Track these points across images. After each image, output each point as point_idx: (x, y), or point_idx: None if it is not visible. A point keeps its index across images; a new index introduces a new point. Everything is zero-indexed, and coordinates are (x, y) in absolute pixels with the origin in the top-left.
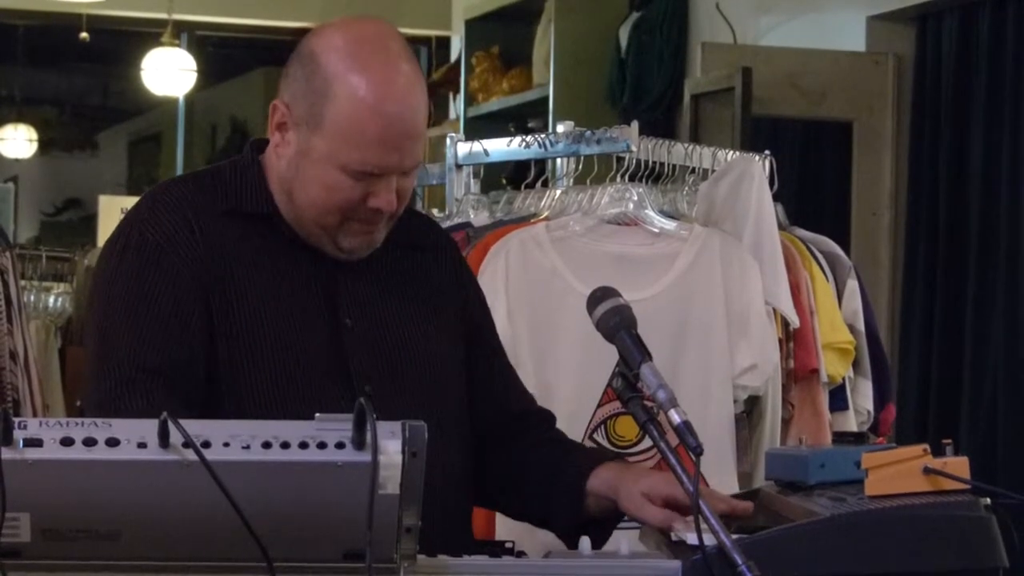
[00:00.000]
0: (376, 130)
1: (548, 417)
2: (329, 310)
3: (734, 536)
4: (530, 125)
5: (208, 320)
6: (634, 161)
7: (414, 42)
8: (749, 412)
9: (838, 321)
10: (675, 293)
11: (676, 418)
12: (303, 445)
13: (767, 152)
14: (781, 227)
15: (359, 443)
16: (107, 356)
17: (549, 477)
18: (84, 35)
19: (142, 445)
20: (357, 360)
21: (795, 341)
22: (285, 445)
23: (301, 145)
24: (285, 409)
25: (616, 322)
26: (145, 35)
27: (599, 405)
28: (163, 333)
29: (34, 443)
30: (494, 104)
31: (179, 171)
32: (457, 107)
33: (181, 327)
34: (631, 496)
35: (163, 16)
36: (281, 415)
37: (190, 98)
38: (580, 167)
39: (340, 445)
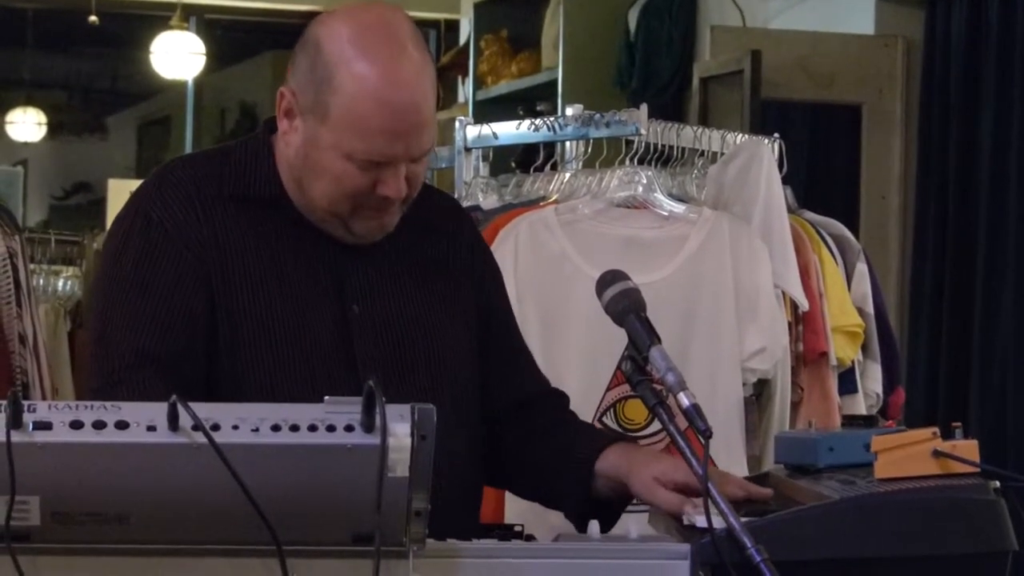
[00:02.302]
0: (381, 120)
1: (561, 398)
2: (336, 296)
3: (743, 519)
4: (539, 108)
5: (211, 305)
6: (643, 144)
7: (422, 25)
8: (758, 395)
9: (847, 304)
10: (684, 276)
11: (685, 401)
12: (312, 428)
13: (776, 135)
14: (790, 210)
15: (368, 426)
16: (107, 340)
17: (559, 459)
18: (93, 18)
19: (151, 428)
20: (363, 347)
21: (804, 324)
22: (294, 428)
23: (308, 134)
24: (288, 396)
25: (625, 305)
26: (154, 18)
27: (608, 388)
28: (164, 318)
29: (44, 426)
30: (503, 87)
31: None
32: (466, 90)
33: (183, 312)
34: (642, 480)
35: None
36: (284, 402)
37: (199, 81)
38: (589, 150)
39: (349, 428)
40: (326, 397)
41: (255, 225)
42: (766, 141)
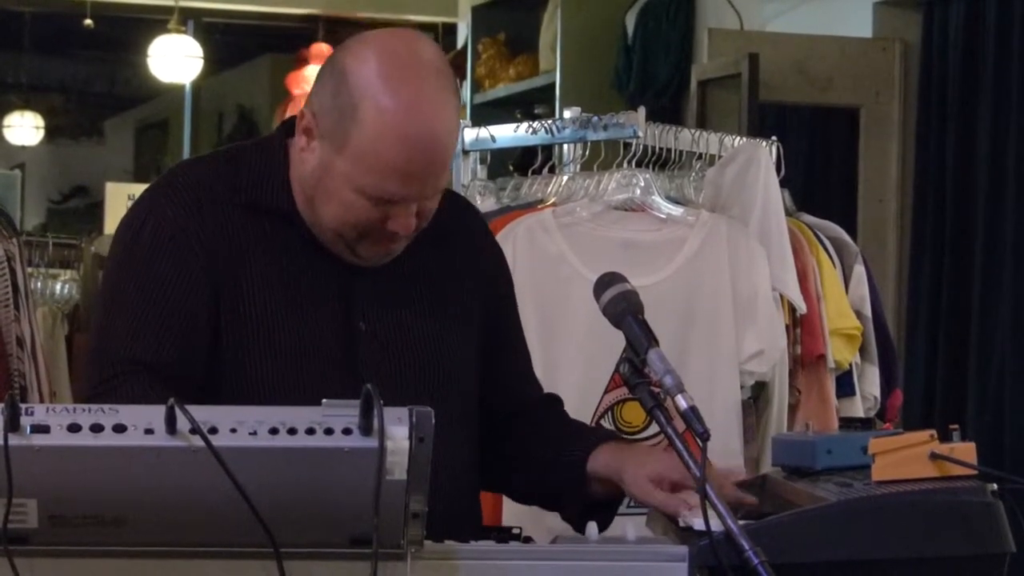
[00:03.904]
0: (397, 162)
1: (556, 402)
2: (343, 312)
3: (741, 521)
4: (537, 111)
5: (215, 316)
6: (641, 147)
7: (421, 29)
8: (756, 398)
9: (845, 307)
10: (682, 279)
11: (683, 403)
12: (310, 431)
13: (774, 138)
14: (788, 213)
15: (366, 429)
16: (104, 346)
17: (552, 462)
18: (88, 22)
19: (149, 431)
20: (368, 364)
21: (802, 327)
22: (292, 431)
23: (324, 158)
24: None
25: (623, 307)
26: (151, 22)
27: (606, 391)
28: (164, 328)
29: (41, 429)
30: (500, 90)
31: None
32: (463, 94)
33: (184, 322)
34: (636, 480)
35: (169, 3)
36: None
37: (197, 85)
38: (587, 153)
39: (347, 431)
40: (324, 400)
41: (265, 236)
42: (764, 144)
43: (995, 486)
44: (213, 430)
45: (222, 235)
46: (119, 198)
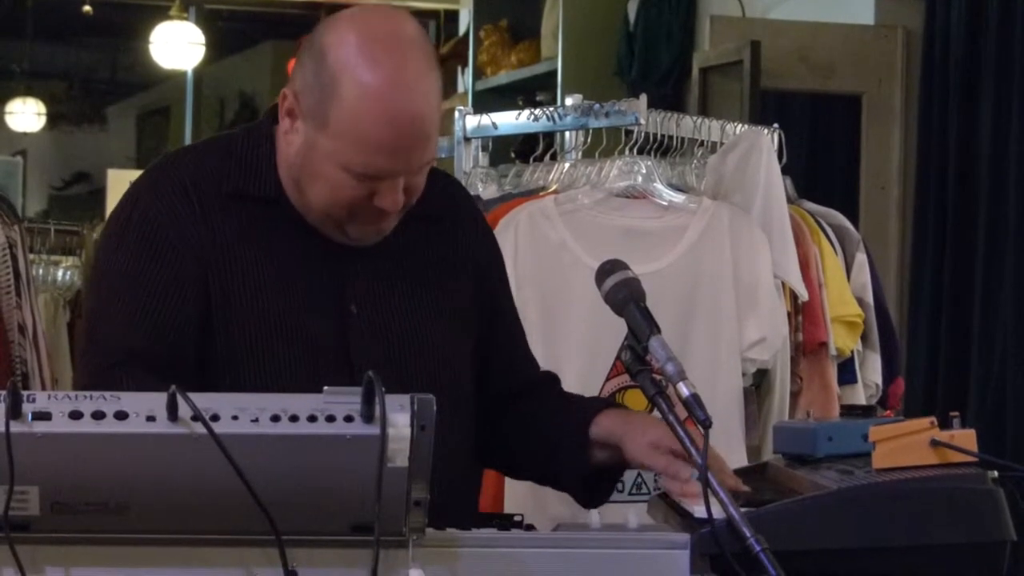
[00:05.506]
0: (380, 136)
1: (553, 379)
2: (335, 296)
3: (742, 509)
4: (538, 98)
5: (206, 305)
6: (642, 134)
7: (423, 16)
8: (758, 385)
9: (847, 294)
10: (684, 266)
11: (685, 391)
12: (312, 418)
13: (776, 125)
14: (790, 200)
15: (368, 416)
16: (97, 337)
17: (554, 433)
18: (87, 9)
19: (151, 418)
20: (359, 349)
21: (804, 314)
22: (294, 418)
23: (308, 138)
24: None
25: (625, 295)
26: (154, 8)
27: (608, 378)
28: (156, 318)
29: (43, 416)
30: (502, 77)
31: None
32: (465, 81)
33: (175, 312)
34: (637, 446)
35: None
36: None
37: (198, 72)
38: (588, 140)
39: (349, 418)
40: (325, 387)
41: (254, 223)
42: (766, 131)
43: (996, 473)
44: (215, 417)
45: (210, 224)
46: (121, 185)
